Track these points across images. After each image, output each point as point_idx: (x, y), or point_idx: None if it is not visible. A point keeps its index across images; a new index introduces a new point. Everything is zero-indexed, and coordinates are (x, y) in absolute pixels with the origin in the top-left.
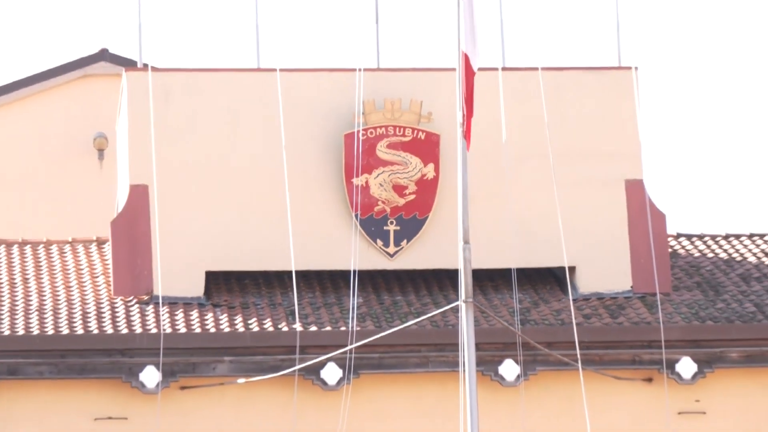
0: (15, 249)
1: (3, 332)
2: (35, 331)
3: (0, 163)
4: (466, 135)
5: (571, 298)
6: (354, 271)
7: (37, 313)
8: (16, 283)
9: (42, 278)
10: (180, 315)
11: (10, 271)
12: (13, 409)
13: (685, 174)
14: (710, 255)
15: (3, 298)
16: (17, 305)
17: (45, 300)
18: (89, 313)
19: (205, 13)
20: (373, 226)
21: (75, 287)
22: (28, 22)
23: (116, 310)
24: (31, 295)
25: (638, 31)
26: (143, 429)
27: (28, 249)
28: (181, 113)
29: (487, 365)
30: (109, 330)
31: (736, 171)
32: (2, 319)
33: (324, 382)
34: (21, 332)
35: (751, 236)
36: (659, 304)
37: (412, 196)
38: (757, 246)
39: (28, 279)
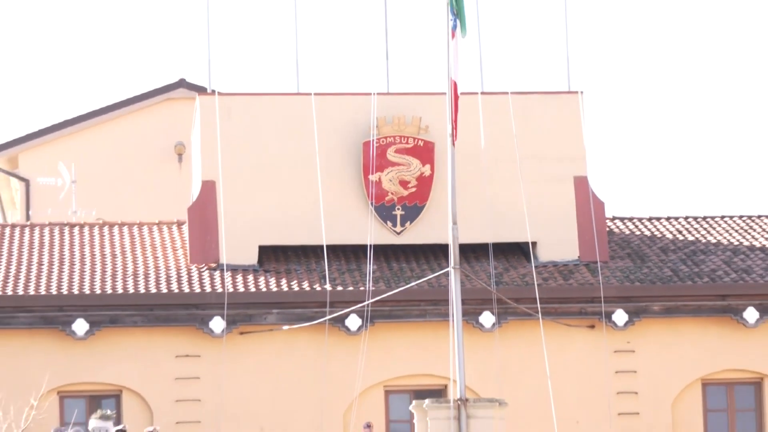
0: (116, 229)
1: (107, 291)
2: (131, 291)
3: (105, 165)
4: (454, 142)
5: (533, 265)
6: (370, 245)
7: (132, 276)
8: (116, 255)
9: (136, 251)
10: (239, 278)
11: (112, 245)
12: (114, 349)
13: (619, 172)
14: (637, 233)
15: (107, 266)
16: (117, 271)
17: (138, 267)
18: (171, 276)
19: (258, 48)
20: (384, 212)
21: (161, 257)
22: (124, 57)
23: (191, 274)
24: (128, 263)
25: (584, 63)
26: (212, 364)
27: (126, 229)
28: (239, 126)
29: (470, 316)
30: (186, 289)
31: (658, 169)
32: (106, 281)
33: (348, 329)
34: (120, 291)
35: (668, 218)
36: (599, 269)
37: (414, 189)
38: (673, 225)
39: (125, 251)
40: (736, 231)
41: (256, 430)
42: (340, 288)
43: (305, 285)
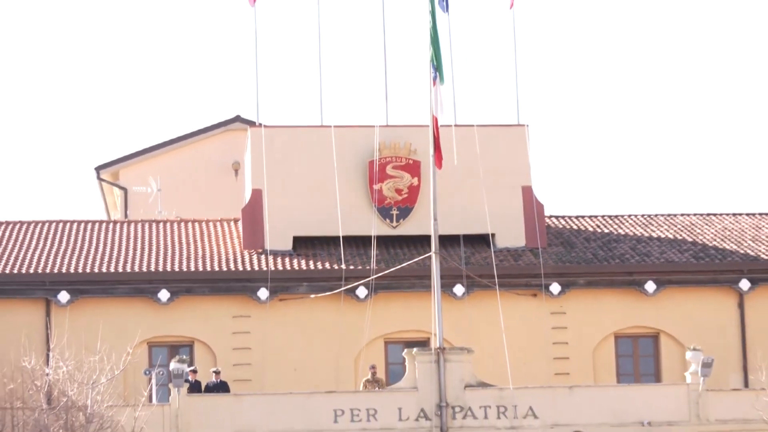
0: (189, 224)
1: (183, 269)
2: (201, 269)
3: (182, 178)
4: (437, 162)
5: (492, 250)
6: (374, 236)
7: (201, 258)
8: (189, 243)
9: (204, 240)
10: (279, 260)
11: (187, 236)
12: (188, 312)
13: (555, 182)
14: (568, 227)
15: (183, 250)
16: (191, 254)
17: (206, 251)
18: (230, 259)
19: (291, 89)
20: (383, 212)
21: (222, 245)
22: (196, 97)
23: (244, 257)
24: (198, 249)
25: (530, 104)
26: (260, 322)
27: (196, 224)
28: (279, 149)
29: (446, 287)
30: (240, 268)
31: (583, 179)
32: (182, 261)
33: (357, 297)
34: (193, 269)
35: (590, 216)
36: (540, 253)
37: (406, 195)
38: (593, 221)
39: (196, 240)
40: (639, 225)
41: (290, 370)
42: (351, 267)
43: (327, 265)
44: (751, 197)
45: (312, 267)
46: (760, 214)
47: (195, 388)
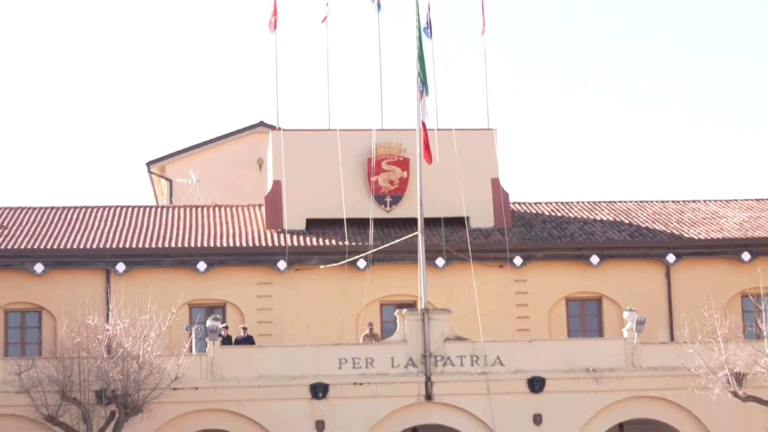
0: (223, 209)
1: (217, 245)
2: (231, 245)
3: (216, 171)
4: (426, 158)
5: (467, 230)
6: (371, 219)
7: (232, 236)
8: (223, 224)
9: (235, 222)
10: (294, 238)
11: (220, 219)
12: (222, 279)
13: (518, 176)
14: (528, 211)
15: (217, 230)
16: (224, 233)
17: (236, 230)
18: (255, 236)
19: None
20: (379, 199)
21: (249, 225)
22: (227, 105)
23: (267, 235)
24: (230, 229)
25: (498, 111)
26: (279, 288)
27: (228, 209)
28: (295, 148)
29: (430, 260)
30: (263, 244)
31: (540, 173)
32: (217, 239)
33: (358, 267)
34: (225, 245)
35: (546, 203)
36: (506, 233)
37: (397, 186)
38: (549, 207)
39: (228, 222)
40: (585, 210)
41: (303, 327)
42: (353, 243)
43: (333, 241)
44: (676, 187)
45: (321, 243)
46: (683, 201)
47: (226, 341)
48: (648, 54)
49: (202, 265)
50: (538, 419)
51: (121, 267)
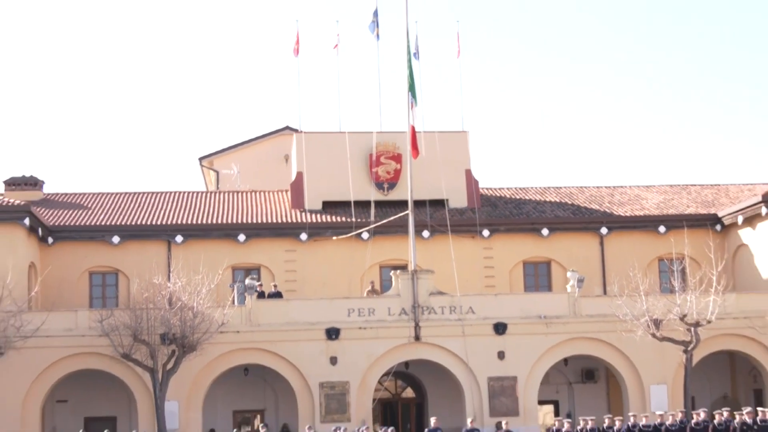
0: (258, 194)
1: (253, 222)
2: (265, 221)
3: (253, 165)
4: (413, 154)
5: (446, 209)
6: (372, 200)
7: (265, 214)
8: (258, 205)
9: (267, 203)
10: (313, 216)
11: (257, 201)
12: (255, 248)
13: (486, 166)
14: (494, 194)
15: (254, 209)
16: (258, 211)
17: (267, 210)
18: (283, 214)
19: (321, 104)
20: (379, 185)
21: (278, 206)
22: (262, 111)
23: (292, 213)
24: (263, 208)
25: (472, 116)
26: (301, 254)
27: (262, 194)
28: (313, 146)
29: (418, 232)
30: (289, 220)
31: (505, 163)
32: (253, 217)
33: (362, 238)
34: (259, 221)
35: (508, 188)
36: (476, 211)
37: (392, 175)
38: (510, 191)
39: (262, 203)
40: (538, 193)
41: (320, 284)
42: (358, 220)
43: (343, 218)
44: (608, 174)
45: (334, 220)
46: (614, 186)
47: (261, 295)
48: (582, 57)
49: (241, 237)
50: (501, 355)
51: (179, 238)
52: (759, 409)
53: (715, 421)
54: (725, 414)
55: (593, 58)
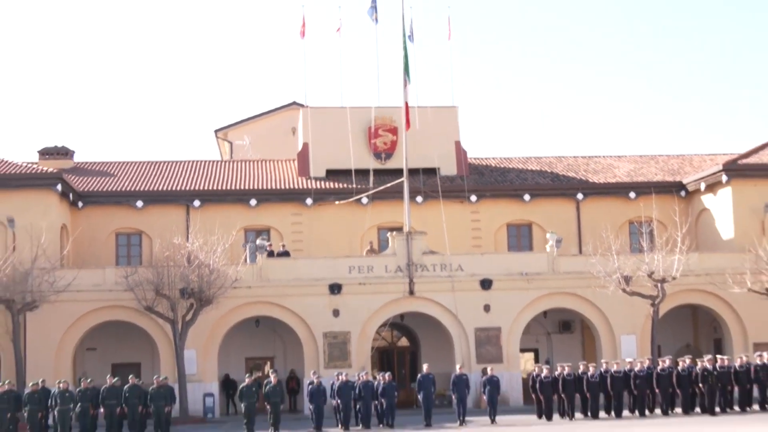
0: (268, 162)
1: (262, 188)
2: (274, 187)
3: (263, 137)
4: (406, 126)
5: (438, 176)
6: (371, 169)
7: (274, 181)
8: (267, 172)
9: (276, 171)
10: (318, 182)
11: (266, 169)
12: (267, 211)
13: (473, 138)
14: (480, 164)
15: (263, 176)
16: (268, 179)
17: (276, 177)
18: (290, 181)
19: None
20: (377, 155)
21: (286, 173)
22: (272, 88)
23: (299, 180)
24: (271, 175)
25: (460, 91)
26: (307, 217)
27: (271, 162)
28: (318, 120)
29: (412, 197)
30: (296, 186)
31: (491, 136)
32: (262, 183)
33: (362, 203)
34: (269, 187)
35: (493, 158)
36: (465, 178)
37: (389, 146)
38: (495, 161)
39: (271, 171)
40: (520, 162)
41: (324, 244)
42: (359, 186)
43: (344, 185)
44: (584, 145)
45: (337, 186)
46: (589, 156)
47: (270, 254)
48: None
49: (253, 201)
50: (487, 308)
51: (196, 203)
52: (718, 356)
53: (679, 368)
54: (688, 361)
55: (574, 40)
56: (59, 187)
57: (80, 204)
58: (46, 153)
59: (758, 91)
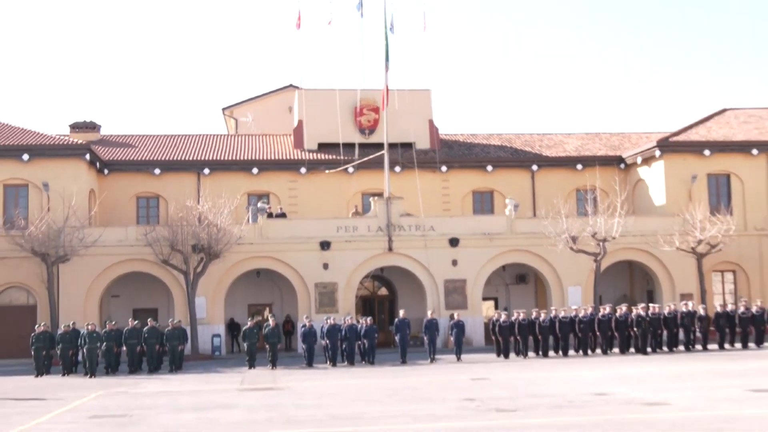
0: (268, 137)
1: (264, 158)
2: (273, 157)
3: (264, 114)
4: (383, 105)
5: (413, 149)
6: (357, 143)
7: (274, 152)
8: (267, 145)
9: (275, 144)
10: (311, 154)
11: (266, 142)
12: (266, 179)
13: (444, 117)
14: (450, 139)
15: (265, 148)
16: (268, 150)
17: (276, 149)
18: (287, 152)
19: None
20: (362, 131)
21: (283, 146)
22: (270, 72)
23: (295, 152)
24: (272, 148)
25: (433, 74)
26: (301, 184)
27: (270, 137)
28: (311, 100)
29: (391, 168)
30: (292, 157)
31: (462, 114)
32: (267, 154)
33: (349, 172)
34: (269, 158)
35: (461, 134)
36: (436, 151)
37: (372, 123)
38: (462, 137)
39: (270, 144)
40: (484, 139)
41: (316, 207)
42: (346, 157)
43: (334, 156)
44: (539, 123)
45: (327, 157)
46: (542, 134)
47: (270, 216)
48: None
49: (255, 170)
50: (454, 263)
51: (206, 171)
52: (650, 305)
53: (617, 314)
54: (624, 309)
55: (532, 34)
56: (88, 156)
57: (106, 171)
58: (76, 127)
59: (689, 74)
